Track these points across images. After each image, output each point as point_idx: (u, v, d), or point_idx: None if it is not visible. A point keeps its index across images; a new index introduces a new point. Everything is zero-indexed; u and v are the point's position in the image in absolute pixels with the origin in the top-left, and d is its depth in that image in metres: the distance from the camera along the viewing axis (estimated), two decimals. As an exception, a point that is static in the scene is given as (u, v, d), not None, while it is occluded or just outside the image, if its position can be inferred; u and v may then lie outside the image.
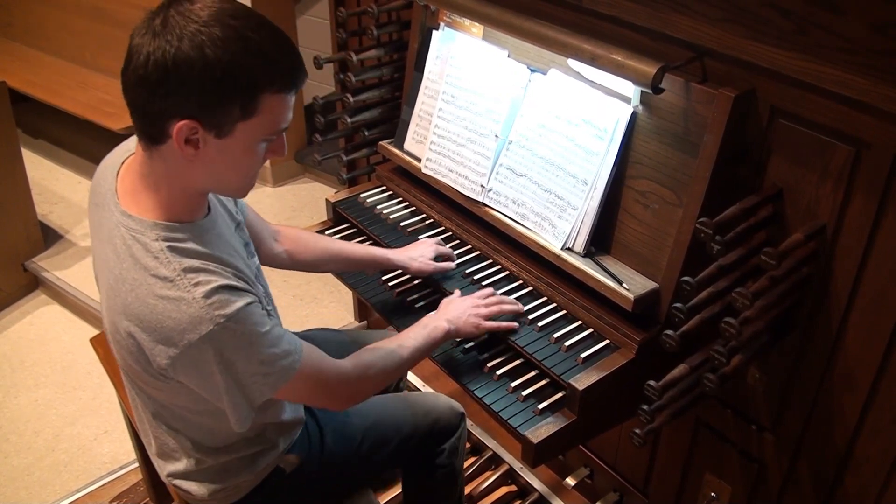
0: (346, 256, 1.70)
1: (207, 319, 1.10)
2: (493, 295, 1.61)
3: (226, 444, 1.38)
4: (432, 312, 1.55)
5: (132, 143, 1.24)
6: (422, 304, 1.73)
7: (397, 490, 2.17)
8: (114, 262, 1.17)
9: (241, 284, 1.16)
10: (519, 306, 1.60)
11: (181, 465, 1.39)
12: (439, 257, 1.74)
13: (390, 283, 1.78)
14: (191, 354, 1.12)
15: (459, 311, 1.54)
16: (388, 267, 1.74)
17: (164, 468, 1.44)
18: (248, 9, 1.10)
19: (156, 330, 1.12)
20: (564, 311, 1.61)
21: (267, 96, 1.08)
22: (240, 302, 1.13)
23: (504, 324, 1.56)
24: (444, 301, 1.59)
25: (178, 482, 1.43)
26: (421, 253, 1.72)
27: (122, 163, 1.24)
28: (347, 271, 1.83)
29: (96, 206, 1.26)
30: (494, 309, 1.56)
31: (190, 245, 1.15)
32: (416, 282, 1.79)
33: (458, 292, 1.65)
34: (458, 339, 1.62)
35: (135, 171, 1.18)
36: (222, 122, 1.07)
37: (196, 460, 1.38)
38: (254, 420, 1.26)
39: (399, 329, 1.69)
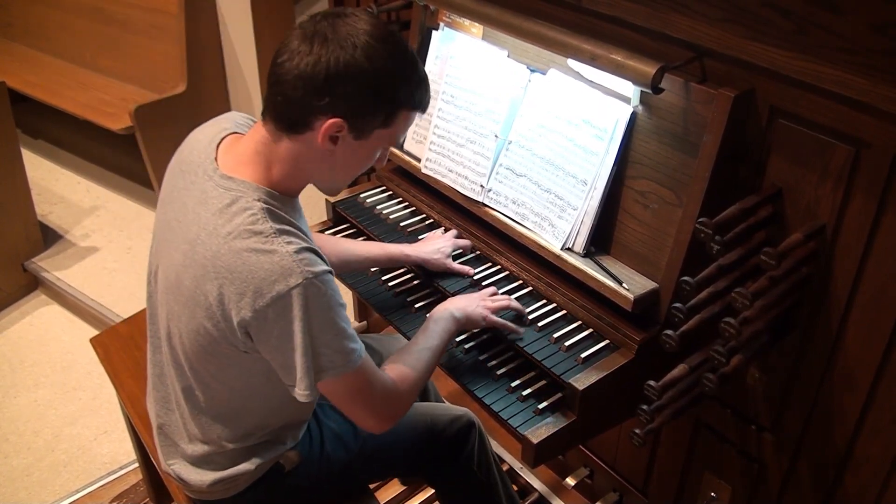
0: (365, 256, 1.71)
1: (298, 272, 1.16)
2: (497, 294, 1.62)
3: (245, 432, 1.39)
4: (440, 306, 1.54)
5: (227, 122, 1.35)
6: (422, 303, 1.73)
7: (397, 490, 2.17)
8: (206, 220, 1.22)
9: (322, 255, 1.23)
10: (522, 309, 1.60)
11: (192, 449, 1.40)
12: (457, 254, 1.73)
13: (390, 283, 1.79)
14: (276, 306, 1.16)
15: (467, 301, 1.54)
16: (407, 264, 1.75)
17: (168, 455, 1.44)
18: (396, 31, 1.27)
19: (245, 281, 1.17)
20: (564, 311, 1.61)
21: (405, 112, 1.25)
22: (324, 266, 1.20)
23: (510, 324, 1.55)
24: (451, 297, 1.59)
25: (179, 470, 1.43)
26: (438, 248, 1.72)
27: (221, 140, 1.31)
28: (366, 270, 1.82)
29: (182, 173, 1.31)
30: (502, 303, 1.57)
31: (283, 214, 1.23)
32: (415, 282, 1.79)
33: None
34: (458, 340, 1.62)
35: (247, 147, 1.26)
36: (364, 127, 1.22)
37: (211, 445, 1.39)
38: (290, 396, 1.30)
39: (398, 328, 1.69)
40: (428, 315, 1.53)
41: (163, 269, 1.31)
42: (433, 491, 1.99)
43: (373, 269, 1.82)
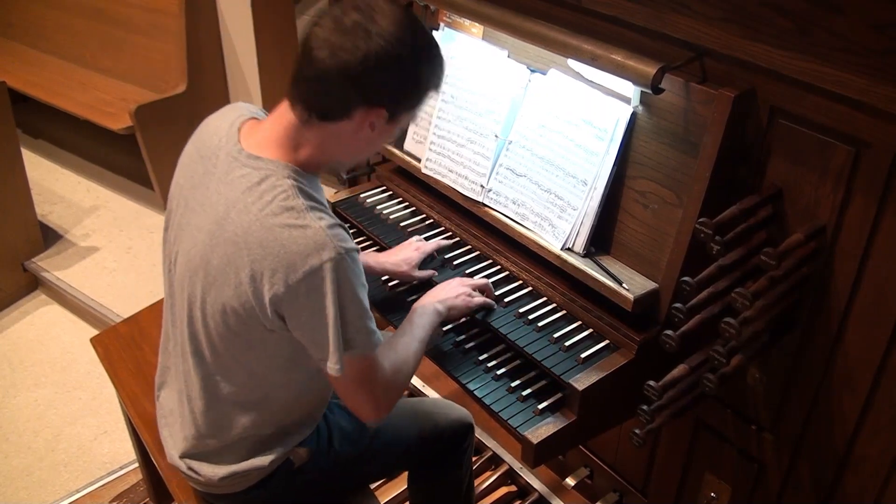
0: None
1: (331, 246, 1.18)
2: (477, 279, 1.65)
3: (262, 424, 1.39)
4: (422, 299, 1.55)
5: (241, 109, 1.36)
6: (422, 304, 1.73)
7: (397, 490, 2.17)
8: (234, 198, 1.23)
9: (350, 234, 1.25)
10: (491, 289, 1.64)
11: (205, 443, 1.40)
12: (425, 262, 1.74)
13: (390, 283, 1.78)
14: (310, 280, 1.17)
15: (447, 292, 1.56)
16: (371, 274, 1.74)
17: (179, 446, 1.44)
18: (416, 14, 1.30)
19: (278, 256, 1.18)
20: (564, 311, 1.61)
21: (430, 94, 1.30)
22: (353, 244, 1.23)
23: (489, 300, 1.61)
24: (433, 289, 1.60)
25: (189, 463, 1.43)
26: (404, 259, 1.72)
27: (242, 125, 1.32)
28: None
29: (202, 158, 1.32)
30: (480, 282, 1.61)
31: (312, 192, 1.25)
32: (414, 281, 1.78)
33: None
34: (458, 340, 1.62)
35: (272, 131, 1.26)
36: (399, 111, 1.26)
37: (225, 438, 1.39)
38: (311, 384, 1.33)
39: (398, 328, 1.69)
40: (412, 307, 1.54)
41: (183, 253, 1.31)
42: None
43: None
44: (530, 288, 1.68)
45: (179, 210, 1.35)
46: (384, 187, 2.05)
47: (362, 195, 2.01)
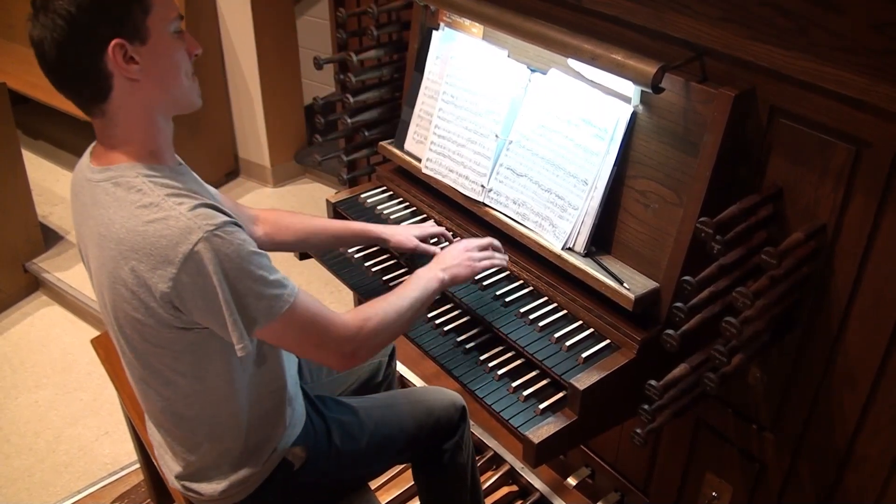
0: (328, 232, 1.71)
1: (196, 228, 1.15)
2: (485, 248, 1.61)
3: (232, 427, 1.38)
4: (428, 265, 1.54)
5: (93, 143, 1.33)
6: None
7: (398, 490, 2.18)
8: (101, 216, 1.21)
9: (222, 208, 1.21)
10: (506, 260, 1.63)
11: (191, 462, 1.40)
12: (428, 241, 1.74)
13: (391, 284, 1.78)
14: (188, 268, 1.15)
15: (452, 256, 1.54)
16: (369, 240, 1.75)
17: (173, 470, 1.45)
18: None
19: (151, 254, 1.16)
20: (565, 311, 1.62)
21: None
22: (224, 217, 1.18)
23: (497, 261, 1.59)
24: (438, 255, 1.59)
25: (188, 484, 1.44)
26: (409, 231, 1.72)
27: (90, 150, 1.30)
28: (330, 248, 1.84)
29: (75, 196, 1.31)
30: (486, 261, 1.58)
31: (167, 181, 1.21)
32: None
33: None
34: (458, 340, 1.62)
35: (100, 142, 1.25)
36: (135, 26, 1.16)
37: (204, 452, 1.39)
38: (255, 380, 1.29)
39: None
40: (414, 273, 1.52)
41: (97, 287, 1.29)
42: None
43: (373, 269, 1.82)
44: (531, 288, 1.68)
45: (83, 255, 1.34)
46: (384, 187, 2.05)
47: (363, 195, 2.01)
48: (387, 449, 1.60)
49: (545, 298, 1.65)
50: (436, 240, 1.79)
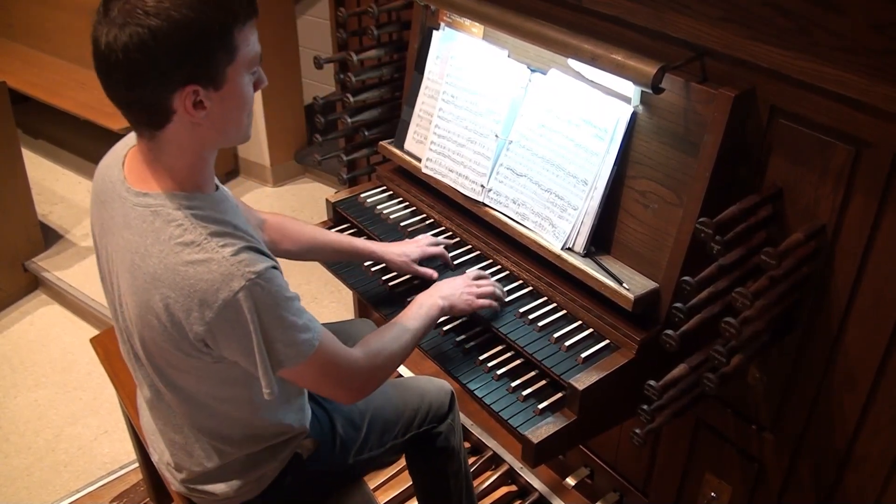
0: (331, 247, 1.72)
1: (238, 275, 1.13)
2: (483, 277, 1.64)
3: (253, 434, 1.39)
4: (426, 291, 1.56)
5: (130, 138, 1.28)
6: (422, 303, 1.73)
7: (397, 490, 2.17)
8: (136, 243, 1.18)
9: (262, 249, 1.20)
10: (503, 294, 1.63)
11: (210, 465, 1.40)
12: (426, 262, 1.75)
13: (391, 283, 1.78)
14: (226, 314, 1.14)
15: (452, 288, 1.56)
16: (372, 259, 1.77)
17: (184, 476, 1.44)
18: None
19: (189, 295, 1.14)
20: (565, 311, 1.62)
21: (236, 32, 1.12)
22: (265, 263, 1.17)
23: (496, 303, 1.60)
24: (437, 283, 1.62)
25: (203, 486, 1.43)
26: (404, 251, 1.73)
27: (125, 155, 1.27)
28: (333, 262, 1.85)
29: (102, 204, 1.27)
30: (487, 290, 1.60)
31: (209, 213, 1.18)
32: (416, 281, 1.78)
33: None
34: (458, 339, 1.62)
35: (142, 160, 1.21)
36: (214, 74, 1.11)
37: (223, 458, 1.39)
38: (282, 389, 1.29)
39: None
40: (414, 298, 1.55)
41: (123, 304, 1.27)
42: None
43: (373, 269, 1.82)
44: (531, 288, 1.68)
45: (104, 259, 1.31)
46: (384, 187, 2.05)
47: (362, 195, 2.01)
48: (386, 434, 1.63)
49: (544, 298, 1.65)
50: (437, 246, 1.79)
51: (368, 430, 1.59)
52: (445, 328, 1.65)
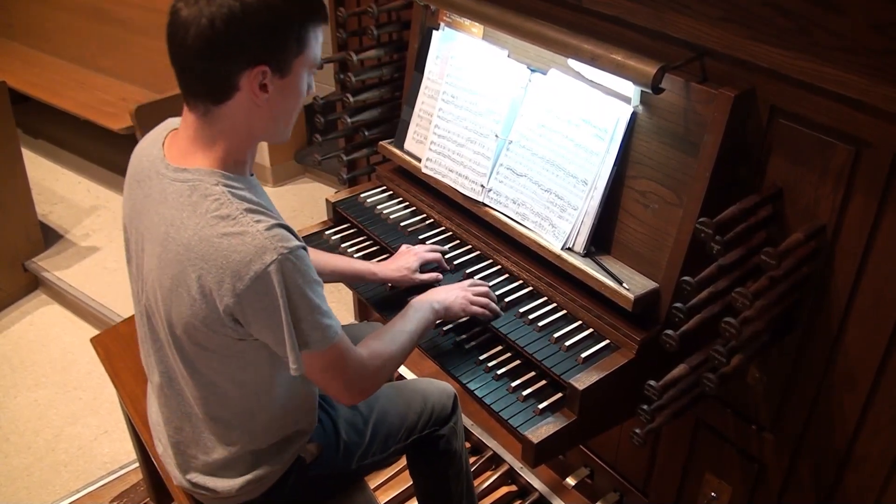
0: (330, 269, 1.73)
1: (272, 249, 1.16)
2: (480, 285, 1.64)
3: (262, 427, 1.40)
4: (422, 295, 1.57)
5: (170, 122, 1.34)
6: (422, 303, 1.73)
7: (397, 490, 2.17)
8: (171, 216, 1.21)
9: (294, 231, 1.23)
10: (498, 305, 1.63)
11: (215, 457, 1.40)
12: (424, 266, 1.75)
13: (391, 285, 1.78)
14: (257, 286, 1.16)
15: (447, 294, 1.57)
16: (373, 281, 1.76)
17: (186, 469, 1.45)
18: None
19: (222, 267, 1.16)
20: (564, 311, 1.62)
21: (311, 28, 1.20)
22: (297, 242, 1.20)
23: (488, 311, 1.60)
24: (434, 288, 1.62)
25: (203, 481, 1.44)
26: (403, 264, 1.73)
27: (166, 137, 1.30)
28: (332, 282, 1.84)
29: (138, 184, 1.31)
30: (482, 297, 1.60)
31: (246, 193, 1.22)
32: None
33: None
34: (458, 339, 1.62)
35: (186, 136, 1.24)
36: (284, 61, 1.18)
37: (229, 450, 1.39)
38: (294, 383, 1.32)
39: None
40: (410, 301, 1.55)
41: (149, 281, 1.30)
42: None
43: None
44: (531, 288, 1.68)
45: (133, 240, 1.34)
46: (384, 187, 2.05)
47: (362, 195, 2.01)
48: (389, 439, 1.63)
49: (544, 298, 1.65)
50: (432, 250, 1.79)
51: (372, 436, 1.59)
52: (445, 328, 1.65)
